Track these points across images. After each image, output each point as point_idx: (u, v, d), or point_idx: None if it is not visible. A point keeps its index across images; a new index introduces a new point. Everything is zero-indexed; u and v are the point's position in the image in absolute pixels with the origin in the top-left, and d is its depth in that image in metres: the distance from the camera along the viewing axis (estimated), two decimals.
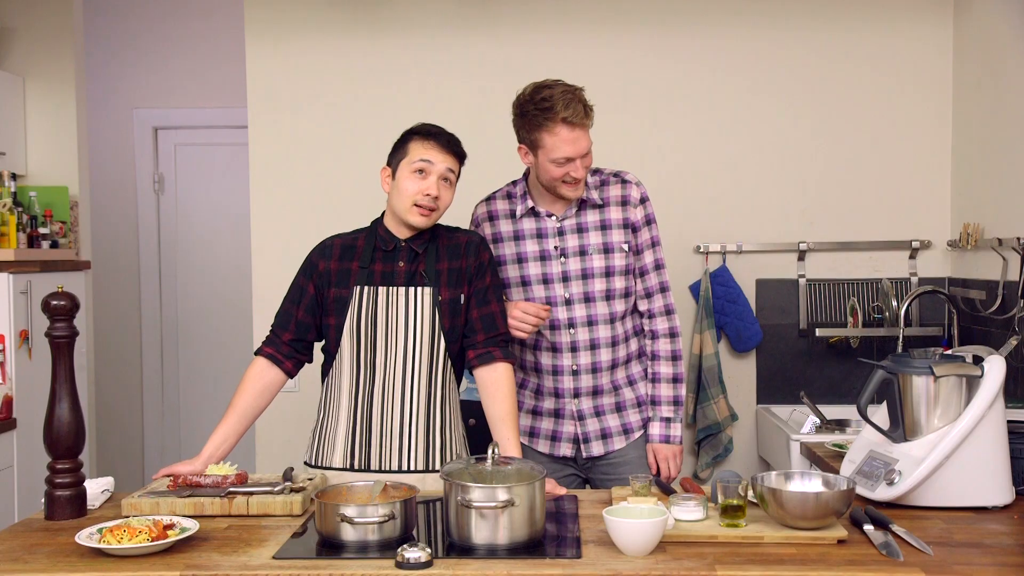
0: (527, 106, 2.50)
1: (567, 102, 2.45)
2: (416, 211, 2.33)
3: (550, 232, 2.62)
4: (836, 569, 1.70)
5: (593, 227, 2.62)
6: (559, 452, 2.67)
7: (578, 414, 2.65)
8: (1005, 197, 3.35)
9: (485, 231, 2.67)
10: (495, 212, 2.68)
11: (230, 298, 5.23)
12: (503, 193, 2.70)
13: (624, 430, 2.67)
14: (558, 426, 2.67)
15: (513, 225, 2.65)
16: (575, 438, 2.66)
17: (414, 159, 2.33)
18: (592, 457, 2.67)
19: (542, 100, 2.47)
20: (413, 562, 1.72)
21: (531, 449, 2.69)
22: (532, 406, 2.70)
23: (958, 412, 2.06)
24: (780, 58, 3.84)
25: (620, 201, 2.64)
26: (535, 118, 2.47)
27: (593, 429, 2.65)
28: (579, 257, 2.61)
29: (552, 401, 2.66)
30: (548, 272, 2.61)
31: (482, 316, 2.41)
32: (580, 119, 2.46)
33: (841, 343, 3.80)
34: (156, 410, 5.34)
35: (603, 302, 2.61)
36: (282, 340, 2.42)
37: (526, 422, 2.70)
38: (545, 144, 2.48)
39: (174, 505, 2.07)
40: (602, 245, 2.61)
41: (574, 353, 2.61)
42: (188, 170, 5.32)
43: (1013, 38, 3.30)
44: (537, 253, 2.63)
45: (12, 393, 3.69)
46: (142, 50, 5.22)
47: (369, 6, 3.87)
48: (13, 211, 3.89)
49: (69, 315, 2.11)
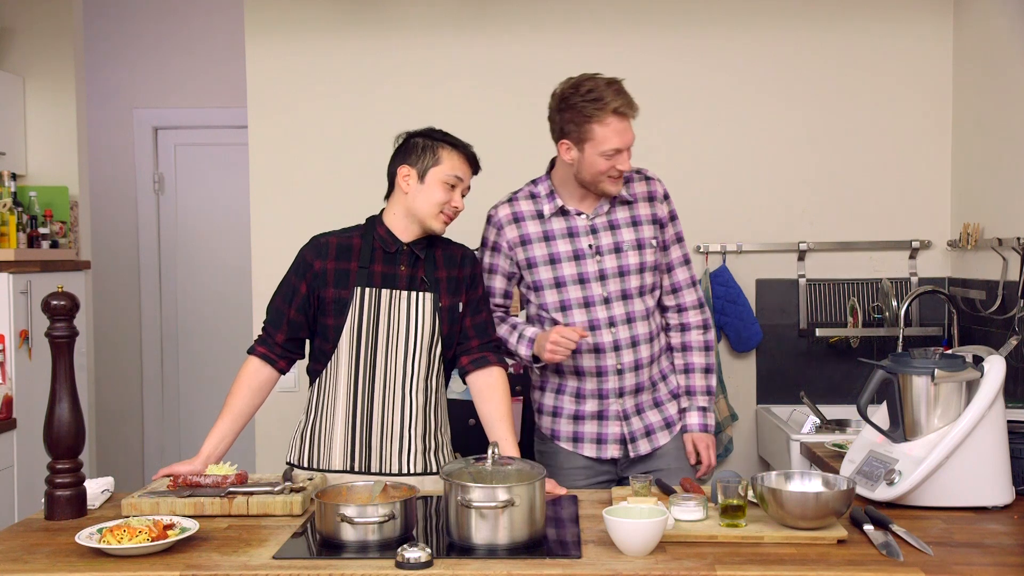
0: (574, 98, 2.43)
1: (616, 91, 2.42)
2: (441, 218, 2.38)
3: (582, 230, 2.57)
4: (836, 569, 1.70)
5: (625, 223, 2.59)
6: (606, 455, 2.60)
7: (623, 413, 2.59)
8: (1005, 197, 3.35)
9: (509, 234, 2.59)
10: (520, 214, 2.60)
11: (230, 298, 5.23)
12: (525, 194, 2.63)
13: (666, 424, 2.64)
14: (602, 428, 2.60)
15: (542, 225, 2.58)
16: (622, 438, 2.59)
17: (448, 172, 2.36)
18: (640, 456, 2.61)
19: (589, 92, 2.41)
20: (413, 562, 1.72)
21: (576, 454, 2.61)
22: (573, 411, 2.61)
23: (958, 412, 2.06)
24: (780, 58, 3.84)
25: (647, 197, 2.62)
26: (583, 109, 2.41)
27: (638, 427, 2.60)
28: (614, 254, 2.57)
29: (595, 403, 2.59)
30: (584, 272, 2.56)
31: (475, 324, 2.46)
32: (630, 109, 2.43)
33: (841, 343, 3.80)
34: (156, 410, 5.34)
35: (639, 298, 2.58)
36: (275, 340, 2.43)
37: (568, 428, 2.62)
38: (595, 136, 2.42)
39: (174, 505, 2.07)
40: (635, 241, 2.58)
41: (617, 352, 2.56)
42: (188, 170, 5.32)
43: (1013, 38, 3.30)
44: (570, 253, 2.56)
45: (12, 393, 3.69)
46: (142, 50, 5.21)
47: (369, 6, 3.87)
48: (13, 211, 3.89)
49: (69, 315, 2.11)
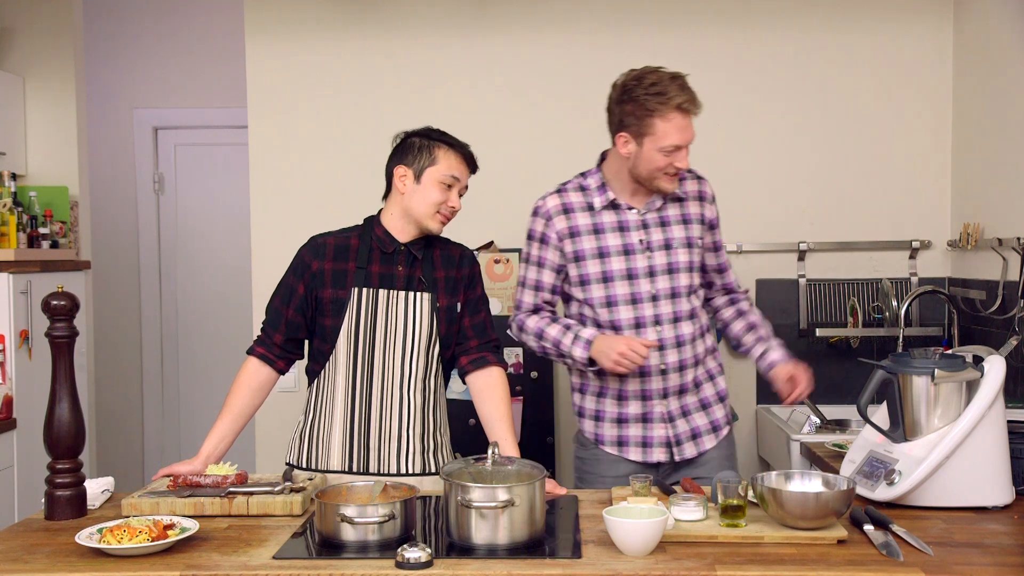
0: (636, 91, 2.37)
1: (681, 87, 2.37)
2: (438, 218, 2.38)
3: (632, 225, 2.52)
4: (836, 569, 1.70)
5: (675, 221, 2.54)
6: (652, 459, 2.53)
7: (668, 415, 2.54)
8: (1005, 197, 3.35)
9: (558, 225, 2.52)
10: (569, 205, 2.53)
11: (230, 298, 5.23)
12: (574, 185, 2.56)
13: (713, 428, 2.59)
14: (647, 431, 2.53)
15: (592, 218, 2.52)
16: (667, 441, 2.53)
17: (444, 172, 2.35)
18: (685, 460, 2.54)
19: (653, 85, 2.36)
20: (413, 562, 1.72)
21: (622, 459, 2.54)
22: (616, 414, 2.55)
23: (958, 412, 2.06)
24: (780, 58, 3.84)
25: (697, 196, 2.59)
26: (646, 103, 2.36)
27: (683, 430, 2.54)
28: (664, 251, 2.52)
29: (638, 405, 2.53)
30: (633, 267, 2.50)
31: (474, 324, 2.45)
32: (693, 106, 2.39)
33: (841, 343, 3.80)
34: (156, 410, 5.34)
35: (686, 298, 2.54)
36: (273, 340, 2.43)
37: (613, 432, 2.55)
38: (656, 131, 2.37)
39: (174, 505, 2.07)
40: (685, 239, 2.54)
41: (661, 352, 2.50)
42: (188, 170, 5.32)
43: (1013, 38, 3.30)
44: (620, 247, 2.51)
45: (12, 393, 3.69)
46: (142, 50, 5.21)
47: (369, 6, 3.87)
48: (13, 211, 3.89)
49: (69, 315, 2.10)
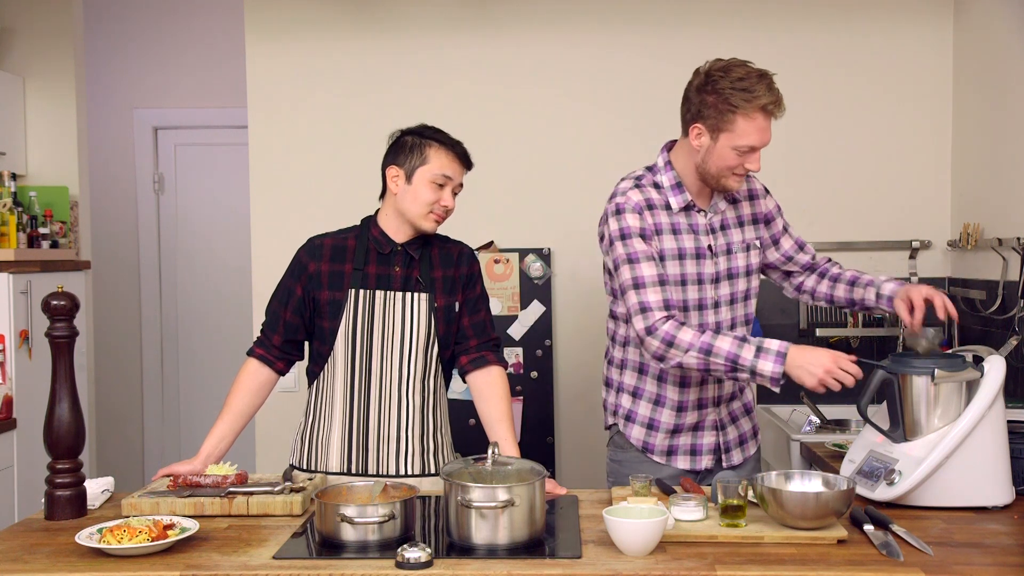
0: (722, 82, 2.23)
1: (768, 87, 2.24)
2: (431, 218, 2.36)
3: (702, 228, 2.40)
4: (836, 569, 1.70)
5: (733, 224, 2.45)
6: (700, 466, 2.47)
7: (720, 423, 2.49)
8: (1005, 197, 3.35)
9: (648, 219, 2.35)
10: (652, 201, 2.38)
11: (230, 298, 5.23)
12: (649, 180, 2.42)
13: (754, 432, 2.58)
14: (697, 439, 2.47)
15: (670, 218, 2.38)
16: (716, 448, 2.48)
17: (436, 172, 2.33)
18: (732, 466, 2.50)
19: (740, 80, 2.23)
20: (413, 562, 1.72)
21: (669, 467, 2.46)
22: (672, 425, 2.45)
23: (958, 412, 2.06)
24: (779, 58, 3.82)
25: (748, 196, 2.50)
26: (731, 98, 2.22)
27: (733, 436, 2.51)
28: (726, 256, 2.42)
29: (694, 415, 2.45)
30: (702, 272, 2.39)
31: (473, 323, 2.44)
32: (778, 109, 2.27)
33: (841, 343, 3.80)
34: (156, 410, 5.34)
35: (743, 303, 2.46)
36: (272, 342, 2.43)
37: (664, 442, 2.45)
38: (736, 128, 2.24)
39: (174, 505, 2.07)
40: (744, 243, 2.45)
41: None
42: (188, 170, 5.32)
43: (1013, 38, 3.30)
44: (694, 250, 2.38)
45: (12, 393, 3.69)
46: (142, 50, 5.21)
47: (369, 7, 3.87)
48: (13, 211, 3.89)
49: (69, 315, 2.11)
